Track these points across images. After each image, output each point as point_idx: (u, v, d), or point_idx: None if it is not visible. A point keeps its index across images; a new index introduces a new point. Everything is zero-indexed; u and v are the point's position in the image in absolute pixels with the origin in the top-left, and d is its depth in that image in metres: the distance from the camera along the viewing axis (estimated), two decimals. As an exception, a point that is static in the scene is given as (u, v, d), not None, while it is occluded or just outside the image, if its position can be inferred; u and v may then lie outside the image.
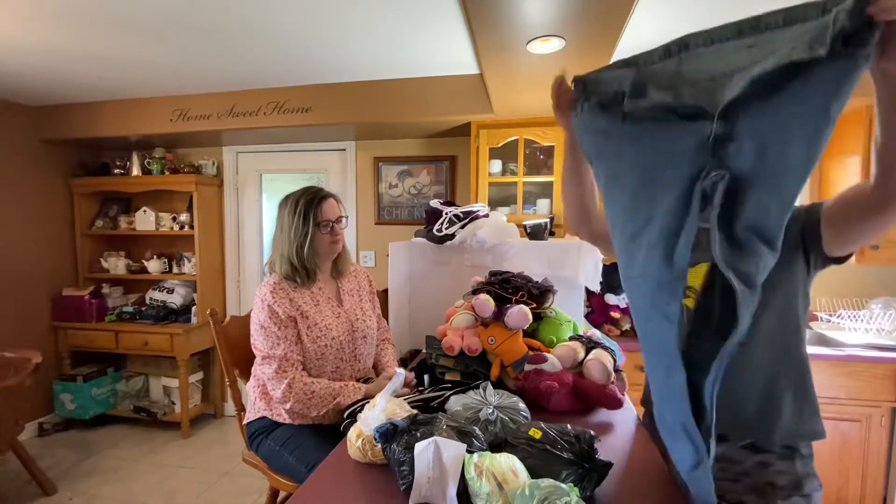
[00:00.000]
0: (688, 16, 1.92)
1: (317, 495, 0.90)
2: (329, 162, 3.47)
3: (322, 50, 2.32)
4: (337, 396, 1.43)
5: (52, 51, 2.32)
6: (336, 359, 1.55)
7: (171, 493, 2.62)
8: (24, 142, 3.25)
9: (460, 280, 1.97)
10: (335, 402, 1.43)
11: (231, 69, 2.59)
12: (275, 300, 1.47)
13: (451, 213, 2.04)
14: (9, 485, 2.66)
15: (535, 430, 0.93)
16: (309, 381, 1.45)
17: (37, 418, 3.34)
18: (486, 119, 2.73)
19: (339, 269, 1.67)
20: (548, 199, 2.73)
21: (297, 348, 1.48)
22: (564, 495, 0.73)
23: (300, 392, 1.42)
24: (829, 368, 2.17)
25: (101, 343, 3.39)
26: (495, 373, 1.35)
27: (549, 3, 1.45)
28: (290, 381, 1.42)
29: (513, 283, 1.51)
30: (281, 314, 1.46)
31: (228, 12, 1.93)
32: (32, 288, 3.32)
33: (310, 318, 1.51)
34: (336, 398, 1.43)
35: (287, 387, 1.42)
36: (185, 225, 3.43)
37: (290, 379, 1.42)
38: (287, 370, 1.44)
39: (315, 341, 1.50)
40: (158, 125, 3.09)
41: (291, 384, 1.42)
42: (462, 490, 0.81)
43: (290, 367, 1.44)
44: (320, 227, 1.52)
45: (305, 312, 1.51)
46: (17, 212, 3.22)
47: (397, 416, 1.00)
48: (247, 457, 1.66)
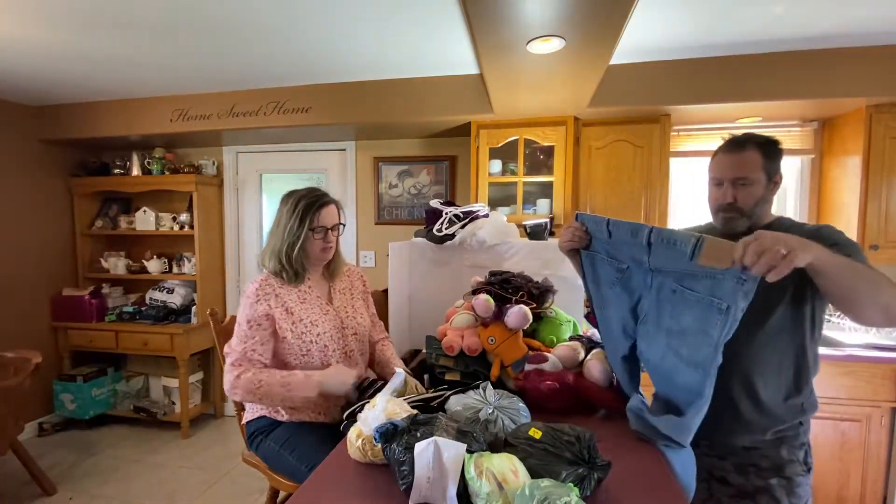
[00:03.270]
0: (688, 16, 1.92)
1: (317, 495, 0.90)
2: (329, 162, 3.47)
3: (322, 50, 2.32)
4: (287, 385, 1.41)
5: (52, 51, 2.32)
6: (323, 355, 1.53)
7: (171, 493, 2.62)
8: (24, 142, 3.25)
9: (460, 280, 1.97)
10: (286, 388, 1.40)
11: (231, 69, 2.59)
12: (257, 298, 1.48)
13: (451, 213, 2.04)
14: (9, 485, 2.66)
15: (535, 430, 0.93)
16: (259, 371, 1.43)
17: (37, 418, 3.35)
18: (486, 119, 2.73)
19: (332, 271, 1.67)
20: (548, 199, 2.73)
21: (263, 349, 1.46)
22: (564, 495, 0.73)
23: (247, 381, 1.40)
24: (829, 368, 2.17)
25: (101, 343, 3.39)
26: (495, 373, 1.35)
27: (549, 3, 1.45)
28: (239, 373, 1.41)
29: (513, 283, 1.51)
30: (258, 313, 1.46)
31: (229, 12, 1.93)
32: (32, 288, 3.32)
33: (294, 314, 1.51)
34: (287, 386, 1.41)
35: (235, 377, 1.41)
36: (185, 225, 3.43)
37: (240, 371, 1.42)
38: (242, 365, 1.43)
39: (299, 337, 1.49)
40: (158, 125, 3.09)
41: (240, 375, 1.41)
42: (462, 490, 0.81)
43: (247, 364, 1.43)
44: (314, 232, 1.52)
45: (290, 308, 1.51)
46: (17, 212, 3.22)
47: (397, 416, 1.00)
48: (247, 457, 1.66)
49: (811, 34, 2.10)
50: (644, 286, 1.15)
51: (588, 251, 1.27)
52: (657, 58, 2.37)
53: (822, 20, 1.97)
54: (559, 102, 2.45)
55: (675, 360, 1.07)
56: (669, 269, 1.07)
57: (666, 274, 1.08)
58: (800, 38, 2.13)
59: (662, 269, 1.09)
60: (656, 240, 1.06)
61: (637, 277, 1.17)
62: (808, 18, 1.96)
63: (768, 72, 2.29)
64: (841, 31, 2.07)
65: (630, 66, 2.41)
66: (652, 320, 1.13)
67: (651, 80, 2.41)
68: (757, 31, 2.08)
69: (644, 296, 1.16)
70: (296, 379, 1.42)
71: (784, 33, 2.10)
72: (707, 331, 0.99)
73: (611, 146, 2.67)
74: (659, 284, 1.11)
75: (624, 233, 1.13)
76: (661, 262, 1.08)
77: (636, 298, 1.18)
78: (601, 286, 1.26)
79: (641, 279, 1.16)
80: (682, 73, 2.37)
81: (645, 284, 1.15)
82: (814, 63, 2.25)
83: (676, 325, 1.06)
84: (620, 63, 2.37)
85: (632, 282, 1.18)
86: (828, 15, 1.92)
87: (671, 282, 1.07)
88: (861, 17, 1.94)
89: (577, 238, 1.25)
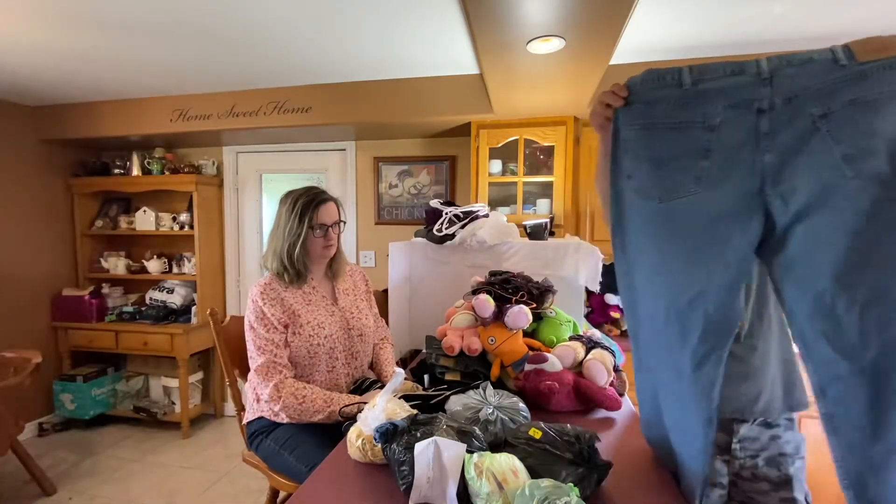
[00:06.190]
0: (688, 15, 1.92)
1: (317, 495, 0.90)
2: (329, 162, 3.47)
3: (322, 50, 2.32)
4: (330, 404, 1.41)
5: (52, 51, 2.32)
6: (330, 357, 1.53)
7: (171, 493, 2.62)
8: (24, 142, 3.25)
9: (460, 280, 1.97)
10: (329, 410, 1.40)
11: (231, 69, 2.59)
12: (264, 301, 1.47)
13: (451, 213, 2.04)
14: (9, 485, 2.66)
15: (535, 430, 0.93)
16: (300, 385, 1.44)
17: (37, 418, 3.34)
18: (486, 119, 2.73)
19: (335, 270, 1.66)
20: (548, 199, 2.73)
21: (285, 352, 1.47)
22: (564, 495, 0.73)
23: (290, 395, 1.40)
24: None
25: (101, 343, 3.39)
26: (495, 373, 1.35)
27: (549, 3, 1.45)
28: (276, 383, 1.41)
29: (513, 283, 1.51)
30: (269, 316, 1.46)
31: (229, 12, 1.93)
32: (32, 288, 3.32)
33: (301, 317, 1.50)
34: (329, 406, 1.41)
35: (274, 388, 1.41)
36: (185, 225, 3.43)
37: (277, 381, 1.41)
38: (271, 372, 1.42)
39: (307, 340, 1.49)
40: (158, 125, 3.09)
41: (279, 385, 1.41)
42: (462, 490, 0.81)
43: (275, 369, 1.43)
44: (314, 230, 1.51)
45: (297, 311, 1.50)
46: (16, 212, 3.22)
47: (397, 416, 1.00)
48: (247, 457, 1.65)
49: (811, 34, 2.10)
50: (776, 146, 0.74)
51: (632, 123, 0.88)
52: (657, 58, 2.36)
53: (822, 20, 1.97)
54: (559, 102, 2.45)
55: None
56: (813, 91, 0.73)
57: (813, 101, 0.73)
58: (800, 38, 2.13)
59: (800, 95, 0.74)
60: (778, 65, 0.76)
61: (747, 145, 0.77)
62: (808, 18, 1.95)
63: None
64: (841, 31, 2.07)
65: (630, 66, 2.40)
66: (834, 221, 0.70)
67: (651, 80, 2.40)
68: (757, 31, 2.08)
69: (786, 168, 0.74)
70: (340, 400, 1.43)
71: (784, 33, 2.10)
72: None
73: (611, 146, 2.66)
74: (803, 132, 0.72)
75: (713, 71, 0.81)
76: (796, 83, 0.73)
77: (757, 184, 0.76)
78: (662, 175, 0.84)
79: (754, 145, 0.76)
80: (682, 73, 2.37)
81: (776, 144, 0.74)
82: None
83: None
84: (620, 63, 2.37)
85: (740, 156, 0.77)
86: (828, 15, 1.92)
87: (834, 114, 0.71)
88: (861, 17, 1.94)
89: (618, 98, 0.91)
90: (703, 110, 0.81)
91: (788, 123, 0.75)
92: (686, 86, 0.83)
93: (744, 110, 0.78)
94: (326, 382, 1.54)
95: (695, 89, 0.83)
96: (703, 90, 0.82)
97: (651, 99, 0.87)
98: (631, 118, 0.89)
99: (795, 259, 0.74)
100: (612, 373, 1.34)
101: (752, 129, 0.78)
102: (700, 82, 0.82)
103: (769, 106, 0.77)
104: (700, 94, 0.82)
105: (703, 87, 0.82)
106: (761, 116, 0.77)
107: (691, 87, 0.83)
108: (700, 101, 0.82)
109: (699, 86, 0.82)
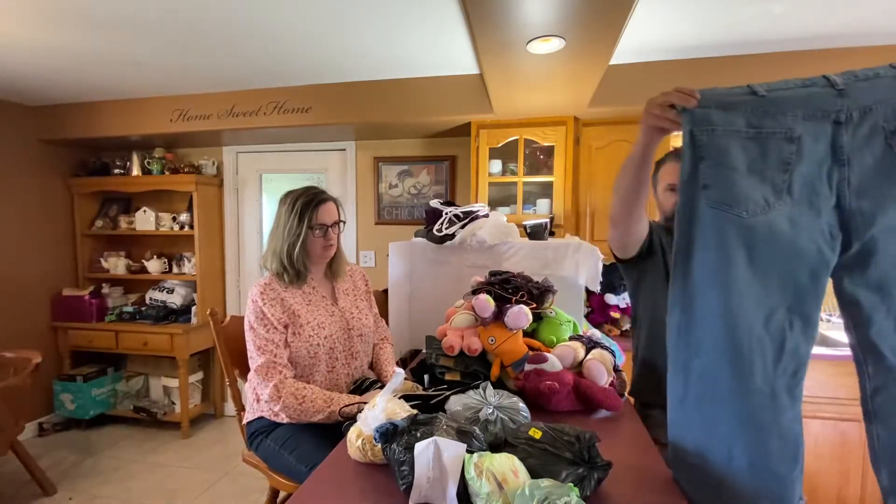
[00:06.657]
0: (688, 15, 1.92)
1: (317, 495, 0.90)
2: (329, 162, 3.47)
3: (322, 50, 2.32)
4: (330, 404, 1.41)
5: (51, 51, 2.32)
6: (330, 358, 1.53)
7: (171, 493, 2.62)
8: (24, 142, 3.25)
9: (460, 280, 1.97)
10: (329, 410, 1.40)
11: (231, 69, 2.59)
12: (264, 302, 1.47)
13: (451, 213, 2.04)
14: (9, 485, 2.66)
15: (535, 430, 0.93)
16: (300, 385, 1.43)
17: (37, 418, 3.34)
18: (486, 119, 2.73)
19: (335, 270, 1.66)
20: (548, 199, 2.73)
21: (285, 352, 1.46)
22: (564, 495, 0.73)
23: (290, 395, 1.40)
24: (829, 368, 2.16)
25: (101, 343, 3.39)
26: (495, 373, 1.35)
27: (549, 3, 1.45)
28: (276, 383, 1.41)
29: (513, 283, 1.50)
30: (269, 316, 1.46)
31: (229, 12, 1.93)
32: (32, 288, 3.32)
33: (301, 317, 1.50)
34: (329, 406, 1.41)
35: (274, 388, 1.40)
36: (185, 225, 3.43)
37: (277, 381, 1.41)
38: (271, 372, 1.42)
39: (307, 340, 1.49)
40: (158, 125, 3.09)
41: (279, 385, 1.41)
42: (462, 490, 0.81)
43: (275, 370, 1.43)
44: (314, 230, 1.51)
45: (297, 312, 1.50)
46: (16, 212, 3.21)
47: (397, 416, 1.00)
48: (247, 457, 1.65)
49: (811, 34, 2.10)
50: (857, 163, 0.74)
51: (709, 127, 0.81)
52: (657, 58, 2.36)
53: (822, 20, 1.97)
54: (559, 102, 2.45)
55: None
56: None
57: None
58: (800, 38, 2.13)
59: (874, 108, 0.75)
60: (848, 79, 0.76)
61: (826, 160, 0.76)
62: (808, 18, 1.96)
63: (768, 72, 2.29)
64: (841, 31, 2.07)
65: (630, 66, 2.40)
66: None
67: (651, 80, 2.41)
68: (757, 31, 2.08)
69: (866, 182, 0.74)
70: (341, 400, 1.43)
71: (784, 33, 2.10)
72: None
73: (611, 146, 2.67)
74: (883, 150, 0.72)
75: (783, 83, 0.80)
76: (870, 94, 0.74)
77: (834, 200, 0.76)
78: (745, 186, 0.78)
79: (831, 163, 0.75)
80: (682, 73, 2.37)
81: (859, 161, 0.73)
82: (814, 63, 2.25)
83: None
84: (620, 63, 2.37)
85: (820, 170, 0.76)
86: (828, 15, 1.92)
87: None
88: (861, 17, 1.94)
89: (686, 99, 0.84)
90: (783, 120, 0.79)
91: (865, 139, 0.76)
92: (761, 93, 0.81)
93: (822, 122, 0.78)
94: (326, 382, 1.54)
95: (771, 96, 0.80)
96: (779, 98, 0.80)
97: (725, 104, 0.82)
98: (706, 122, 0.83)
99: (880, 278, 0.78)
100: (613, 373, 1.34)
101: (831, 143, 0.78)
102: (773, 91, 0.81)
103: (846, 118, 0.77)
104: (777, 102, 0.80)
105: (779, 94, 0.80)
106: (839, 129, 0.77)
107: (767, 94, 0.81)
108: (779, 110, 0.80)
109: (774, 94, 0.81)
